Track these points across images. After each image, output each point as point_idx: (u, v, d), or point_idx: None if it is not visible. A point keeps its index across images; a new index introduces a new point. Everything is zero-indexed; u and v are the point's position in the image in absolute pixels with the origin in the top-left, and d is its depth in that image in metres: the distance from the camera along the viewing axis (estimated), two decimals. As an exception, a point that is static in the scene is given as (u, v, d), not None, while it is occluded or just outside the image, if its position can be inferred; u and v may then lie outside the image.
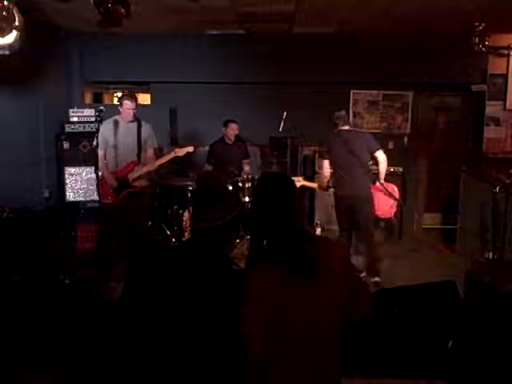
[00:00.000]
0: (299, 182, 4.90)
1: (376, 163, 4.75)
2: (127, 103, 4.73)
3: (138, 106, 4.93)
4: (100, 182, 4.70)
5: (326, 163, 4.86)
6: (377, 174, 4.77)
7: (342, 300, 1.74)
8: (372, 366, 3.07)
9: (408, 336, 3.18)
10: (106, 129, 4.76)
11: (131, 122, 4.74)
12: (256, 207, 1.87)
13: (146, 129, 4.90)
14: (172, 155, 4.91)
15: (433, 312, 3.27)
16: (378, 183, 4.77)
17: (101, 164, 4.72)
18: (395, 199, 4.84)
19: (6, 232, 4.65)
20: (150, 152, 4.96)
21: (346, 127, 4.85)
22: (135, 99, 4.84)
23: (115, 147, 4.75)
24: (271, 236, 1.78)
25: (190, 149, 4.99)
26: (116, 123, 4.78)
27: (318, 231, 6.37)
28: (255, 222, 1.85)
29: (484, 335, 3.01)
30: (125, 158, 4.79)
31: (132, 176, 4.78)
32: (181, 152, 4.92)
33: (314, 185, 5.33)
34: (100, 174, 4.59)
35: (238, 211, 1.89)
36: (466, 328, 3.20)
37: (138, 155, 4.84)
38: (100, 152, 4.74)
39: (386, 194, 4.81)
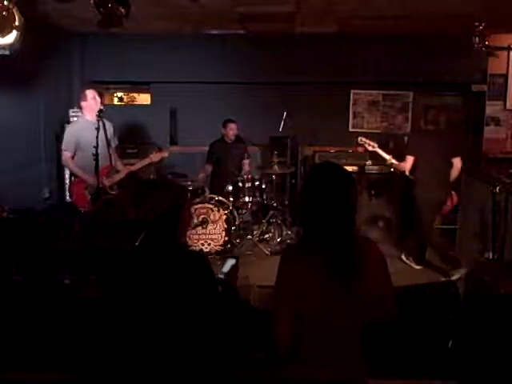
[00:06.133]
0: (390, 160, 4.85)
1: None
2: (90, 92, 4.45)
3: (136, 107, 4.77)
4: (74, 187, 4.52)
5: (410, 160, 4.72)
6: None
7: (371, 300, 1.75)
8: (371, 366, 3.07)
9: (408, 336, 3.18)
10: (76, 129, 4.48)
11: (98, 120, 4.22)
12: (312, 197, 1.80)
13: (110, 128, 4.53)
14: (147, 161, 4.67)
15: (433, 312, 3.27)
16: None
17: (73, 167, 4.50)
18: (451, 205, 4.99)
19: (5, 232, 4.64)
20: (113, 152, 4.61)
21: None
22: (96, 91, 4.54)
23: (87, 149, 4.25)
24: (326, 226, 1.75)
25: (165, 154, 4.82)
26: (85, 123, 4.40)
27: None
28: (309, 211, 1.80)
29: (484, 335, 3.01)
30: (100, 160, 4.30)
31: (109, 182, 4.46)
32: (156, 157, 4.70)
33: (404, 167, 4.87)
34: (73, 177, 4.39)
35: (184, 199, 1.91)
36: (466, 328, 3.20)
37: (110, 157, 4.47)
38: (67, 154, 4.45)
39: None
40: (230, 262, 2.52)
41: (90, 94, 4.48)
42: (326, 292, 1.69)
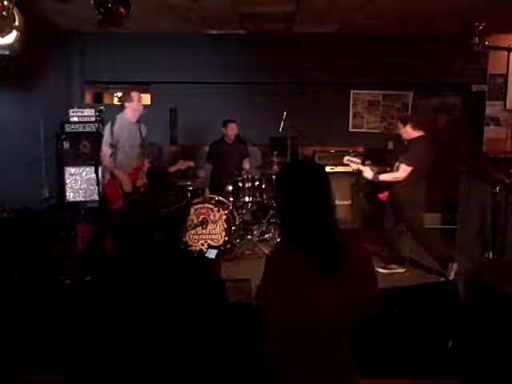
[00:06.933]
0: (374, 177, 4.72)
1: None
2: (136, 94, 4.64)
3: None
4: (109, 185, 4.55)
5: (408, 170, 4.55)
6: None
7: (360, 294, 1.73)
8: (371, 366, 3.07)
9: (408, 336, 3.18)
10: (116, 128, 4.54)
11: (98, 119, 4.50)
12: (290, 195, 1.78)
13: (144, 129, 4.77)
14: (175, 168, 5.06)
15: (433, 312, 3.27)
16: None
17: (110, 165, 4.52)
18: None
19: (5, 232, 4.64)
20: (144, 153, 4.83)
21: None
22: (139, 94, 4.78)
23: (125, 148, 4.55)
24: (304, 223, 1.73)
25: (192, 163, 5.28)
26: (124, 122, 4.58)
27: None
28: (288, 209, 1.78)
29: (484, 335, 3.01)
30: (133, 159, 4.62)
31: (139, 182, 4.59)
32: (184, 165, 5.16)
33: (367, 172, 4.80)
34: (108, 175, 4.48)
35: (186, 202, 1.93)
36: (465, 328, 3.20)
37: (143, 158, 4.75)
38: (108, 150, 4.48)
39: None
40: (210, 254, 2.53)
41: (136, 96, 4.63)
42: (310, 292, 1.67)
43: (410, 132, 4.65)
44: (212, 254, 2.53)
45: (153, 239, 1.82)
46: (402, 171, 4.58)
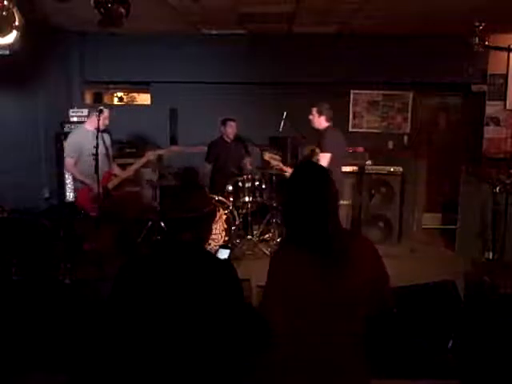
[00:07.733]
0: (274, 159, 4.98)
1: None
2: (108, 112, 4.78)
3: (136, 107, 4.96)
4: (81, 195, 4.73)
5: (327, 157, 4.60)
6: None
7: (365, 294, 1.73)
8: (371, 366, 3.07)
9: (408, 336, 3.18)
10: (81, 136, 4.77)
11: (98, 119, 4.54)
12: (295, 196, 1.81)
13: (107, 137, 4.97)
14: (144, 159, 4.97)
15: (433, 312, 3.27)
16: None
17: (77, 173, 4.76)
18: None
19: (5, 232, 4.64)
20: (111, 159, 5.06)
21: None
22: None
23: (92, 156, 4.48)
24: (307, 224, 1.75)
25: (161, 151, 5.19)
26: (90, 131, 4.75)
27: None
28: (293, 209, 1.81)
29: (484, 335, 3.01)
30: (101, 166, 4.61)
31: (112, 184, 4.86)
32: (152, 156, 4.99)
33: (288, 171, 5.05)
34: (79, 184, 4.65)
35: (214, 207, 1.92)
36: (465, 328, 3.20)
37: (110, 164, 4.96)
38: (70, 160, 4.76)
39: None
40: (222, 255, 2.51)
41: (106, 113, 4.75)
42: (315, 291, 1.68)
43: (322, 123, 4.84)
44: (225, 254, 2.46)
45: (181, 240, 1.81)
46: (323, 160, 4.63)
